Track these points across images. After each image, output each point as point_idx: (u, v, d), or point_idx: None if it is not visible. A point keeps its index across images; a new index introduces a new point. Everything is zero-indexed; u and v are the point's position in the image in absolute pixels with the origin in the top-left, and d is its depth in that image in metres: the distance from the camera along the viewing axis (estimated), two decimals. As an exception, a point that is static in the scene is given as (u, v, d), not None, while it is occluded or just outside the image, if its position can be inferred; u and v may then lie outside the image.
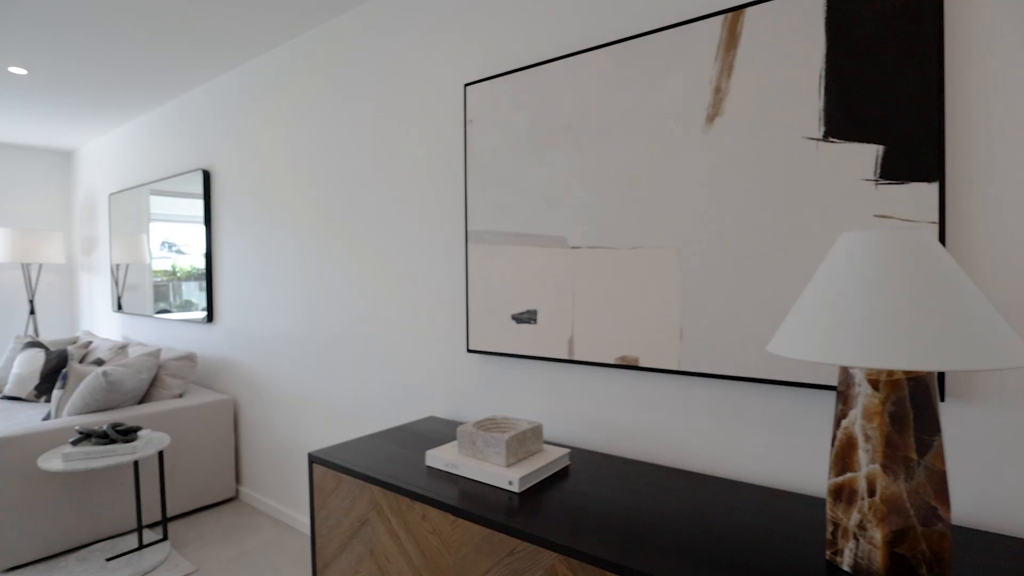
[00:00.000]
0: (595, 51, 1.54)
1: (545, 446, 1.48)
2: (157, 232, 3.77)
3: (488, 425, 1.47)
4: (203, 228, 3.28)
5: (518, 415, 1.79)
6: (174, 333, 3.70)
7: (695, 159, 1.38)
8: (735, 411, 1.37)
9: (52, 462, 2.19)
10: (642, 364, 1.47)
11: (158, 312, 3.81)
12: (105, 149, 4.47)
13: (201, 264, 3.40)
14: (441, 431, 1.78)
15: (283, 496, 2.81)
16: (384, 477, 1.36)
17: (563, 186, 1.61)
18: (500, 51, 1.80)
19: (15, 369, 3.57)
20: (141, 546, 2.45)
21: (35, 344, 3.69)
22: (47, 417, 2.84)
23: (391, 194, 2.18)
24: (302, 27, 2.51)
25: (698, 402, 1.42)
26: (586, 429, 1.63)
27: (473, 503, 1.22)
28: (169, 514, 2.81)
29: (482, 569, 1.16)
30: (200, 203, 3.34)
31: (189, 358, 3.02)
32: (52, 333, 5.05)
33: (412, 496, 1.29)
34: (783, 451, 1.30)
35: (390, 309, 2.20)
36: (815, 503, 1.19)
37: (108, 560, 2.37)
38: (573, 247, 1.59)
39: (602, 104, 1.53)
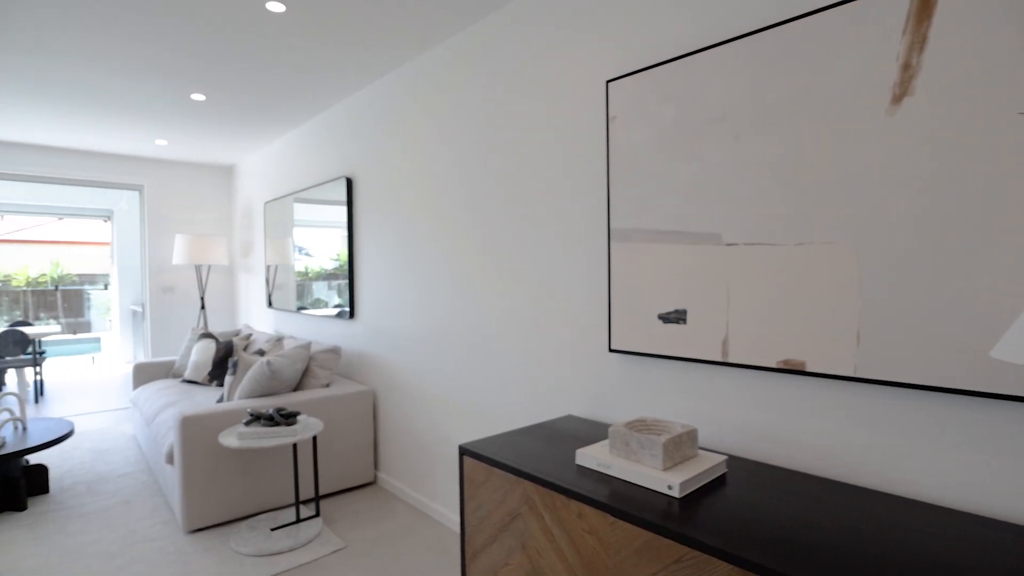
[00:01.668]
0: (753, 36, 1.45)
1: (699, 451, 1.42)
2: (297, 237, 4.17)
3: (639, 426, 1.44)
4: (333, 232, 3.56)
5: (663, 417, 1.73)
6: (317, 328, 4.05)
7: (877, 145, 1.25)
8: (926, 424, 1.22)
9: (230, 439, 2.49)
10: (809, 369, 1.36)
11: (297, 309, 4.21)
12: (260, 162, 5.00)
13: (329, 265, 3.78)
14: (582, 430, 1.77)
15: (417, 483, 2.96)
16: (538, 473, 1.38)
17: (716, 180, 1.53)
18: (644, 45, 1.75)
19: (192, 357, 4.10)
20: (298, 520, 2.71)
21: (207, 335, 4.21)
22: (220, 399, 3.22)
23: (530, 194, 2.22)
24: (443, 34, 2.63)
25: (877, 413, 1.29)
26: (738, 435, 1.55)
27: (630, 505, 1.19)
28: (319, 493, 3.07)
29: (645, 574, 1.14)
30: (331, 209, 3.66)
31: (334, 351, 3.28)
32: (218, 326, 5.74)
33: (568, 494, 1.30)
34: (992, 473, 1.14)
35: (528, 309, 2.24)
36: (1039, 536, 1.03)
37: (272, 530, 2.64)
38: (728, 244, 1.51)
39: (762, 92, 1.44)
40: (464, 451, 1.61)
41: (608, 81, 1.82)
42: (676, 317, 1.64)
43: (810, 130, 1.35)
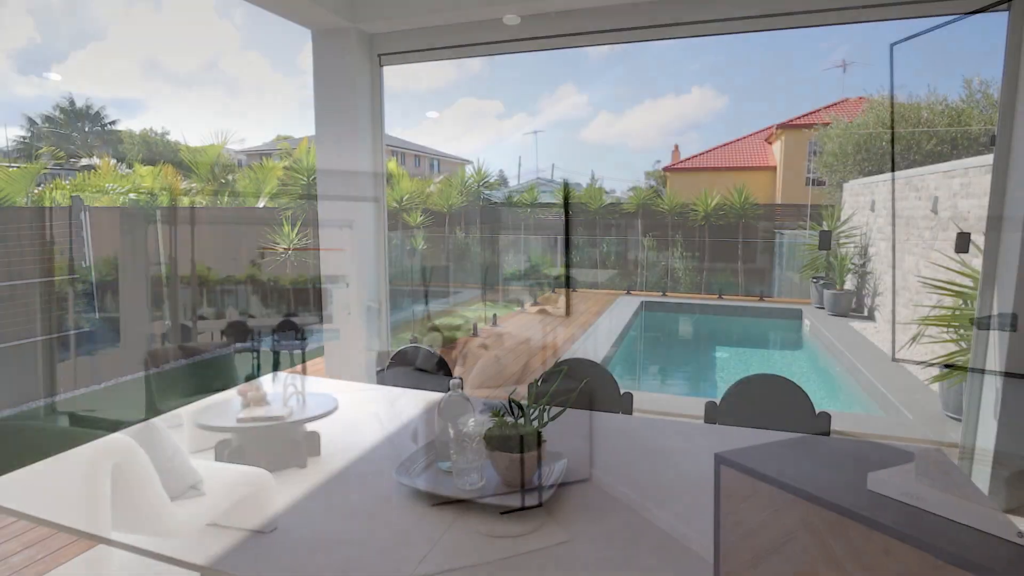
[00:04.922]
0: None
1: (1051, 494, 1.13)
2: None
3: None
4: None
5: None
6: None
7: None
8: None
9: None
10: None
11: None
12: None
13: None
14: (855, 449, 1.54)
15: (634, 485, 2.90)
16: (826, 496, 1.23)
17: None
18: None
19: (422, 348, 4.59)
20: (523, 507, 2.84)
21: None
22: (450, 388, 3.53)
23: None
24: None
25: None
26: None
27: (966, 551, 0.98)
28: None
29: (994, 638, 0.92)
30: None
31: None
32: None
33: (870, 524, 1.12)
34: None
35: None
36: None
37: (501, 513, 2.81)
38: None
39: None
40: (722, 460, 1.50)
41: None
42: None
43: None
